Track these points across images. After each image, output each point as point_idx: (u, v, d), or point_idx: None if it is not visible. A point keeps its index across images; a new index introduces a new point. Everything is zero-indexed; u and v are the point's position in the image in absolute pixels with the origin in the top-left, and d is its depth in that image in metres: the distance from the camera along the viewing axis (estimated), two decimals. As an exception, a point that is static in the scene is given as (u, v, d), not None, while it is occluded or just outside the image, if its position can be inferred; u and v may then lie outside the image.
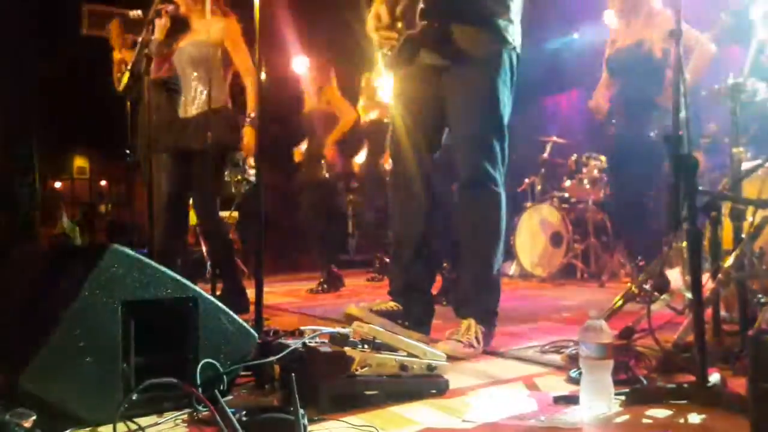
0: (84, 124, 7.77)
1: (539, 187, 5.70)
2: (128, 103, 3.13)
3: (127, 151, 3.46)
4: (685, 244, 2.27)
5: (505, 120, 2.32)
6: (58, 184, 11.07)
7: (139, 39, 2.69)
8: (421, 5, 2.23)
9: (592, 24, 5.87)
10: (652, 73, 3.41)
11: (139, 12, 3.30)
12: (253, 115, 3.29)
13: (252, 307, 2.06)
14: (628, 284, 3.11)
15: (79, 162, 11.08)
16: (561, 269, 5.08)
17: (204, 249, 5.64)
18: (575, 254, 5.07)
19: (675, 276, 3.21)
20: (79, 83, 5.86)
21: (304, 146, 5.02)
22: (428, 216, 2.40)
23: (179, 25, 3.37)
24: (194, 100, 3.41)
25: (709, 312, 1.90)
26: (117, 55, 3.96)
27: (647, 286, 2.35)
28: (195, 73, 3.39)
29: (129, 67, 2.70)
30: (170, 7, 3.32)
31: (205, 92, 3.37)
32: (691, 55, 3.28)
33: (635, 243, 3.79)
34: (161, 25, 3.32)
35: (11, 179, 5.34)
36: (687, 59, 3.30)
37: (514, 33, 2.35)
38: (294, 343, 1.62)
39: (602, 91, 3.77)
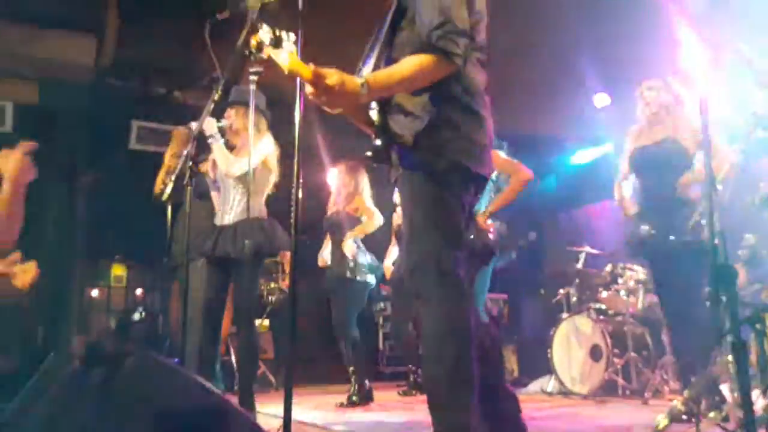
0: (124, 232, 8.03)
1: (574, 298, 5.59)
2: (169, 211, 3.25)
3: (165, 259, 3.55)
4: (730, 357, 2.17)
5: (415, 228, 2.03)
6: (95, 292, 11.27)
7: (185, 152, 2.84)
8: None
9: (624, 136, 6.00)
10: (680, 170, 3.32)
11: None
12: None
13: (280, 422, 2.00)
14: (674, 402, 2.96)
15: (117, 270, 11.32)
16: (601, 385, 4.86)
17: (234, 359, 5.60)
18: (615, 369, 4.87)
19: (724, 393, 3.05)
20: (121, 193, 6.12)
21: (324, 253, 5.03)
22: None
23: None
24: (231, 209, 3.53)
25: (763, 433, 1.79)
26: (168, 162, 4.17)
27: (695, 404, 2.23)
28: (236, 185, 3.54)
29: (173, 178, 2.83)
30: (223, 122, 3.56)
31: (243, 202, 3.49)
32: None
33: (685, 355, 3.52)
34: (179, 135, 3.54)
35: (51, 288, 5.47)
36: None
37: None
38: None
39: (621, 187, 3.69)
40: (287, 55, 1.77)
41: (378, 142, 2.06)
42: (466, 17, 1.91)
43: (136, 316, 10.61)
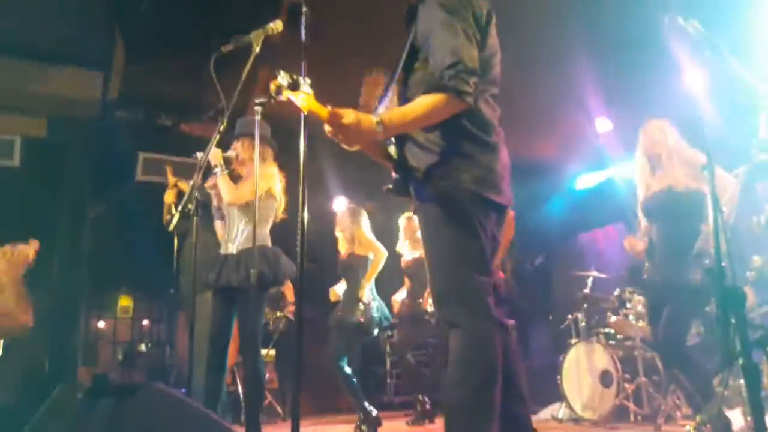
0: (130, 263, 8.05)
1: (583, 324, 5.54)
2: (175, 241, 3.27)
3: (172, 290, 3.56)
4: (742, 381, 2.15)
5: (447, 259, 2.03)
6: (101, 324, 11.26)
7: (191, 182, 2.86)
8: None
9: (629, 160, 6.01)
10: (692, 215, 3.26)
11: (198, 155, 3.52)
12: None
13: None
14: (687, 427, 2.93)
15: (124, 301, 11.33)
16: (612, 411, 4.79)
17: (240, 389, 5.56)
18: (626, 395, 4.80)
19: (737, 417, 3.01)
20: (127, 224, 6.15)
21: (338, 287, 5.04)
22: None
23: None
24: (235, 238, 3.54)
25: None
26: (168, 198, 4.21)
27: (706, 429, 2.20)
28: (240, 214, 3.55)
29: (179, 208, 2.84)
30: (230, 153, 3.60)
31: (247, 231, 3.50)
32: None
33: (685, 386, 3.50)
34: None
35: (58, 319, 5.47)
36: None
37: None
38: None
39: (636, 239, 3.66)
40: (305, 97, 1.86)
41: (397, 175, 2.12)
42: (475, 56, 1.98)
43: (143, 348, 10.58)
